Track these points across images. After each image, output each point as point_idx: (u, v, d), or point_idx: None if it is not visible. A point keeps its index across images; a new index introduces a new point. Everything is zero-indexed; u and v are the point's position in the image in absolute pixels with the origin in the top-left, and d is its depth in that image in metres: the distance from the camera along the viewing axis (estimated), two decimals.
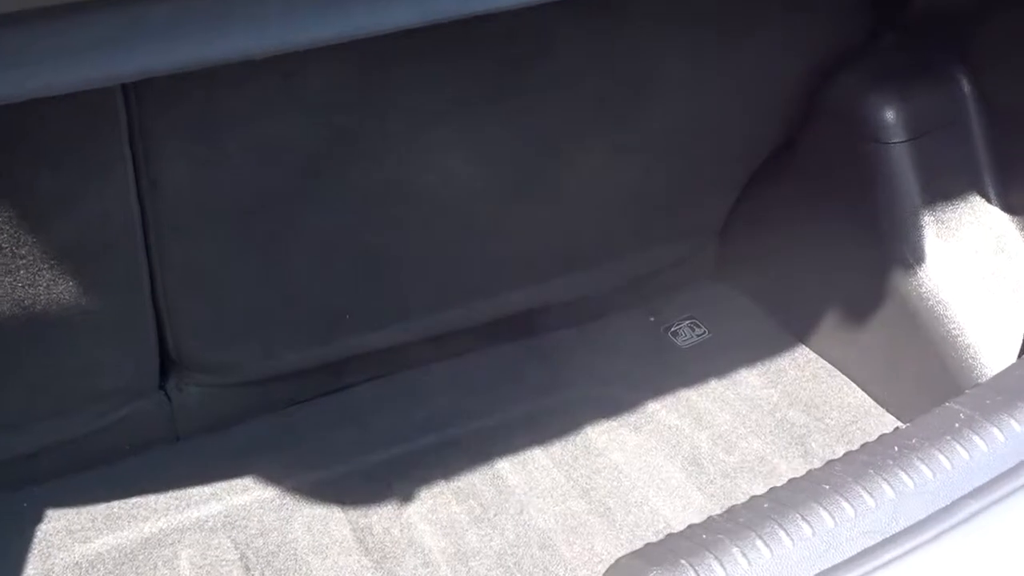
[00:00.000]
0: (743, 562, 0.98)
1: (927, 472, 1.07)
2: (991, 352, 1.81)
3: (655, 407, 1.98)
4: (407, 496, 1.79)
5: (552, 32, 1.64)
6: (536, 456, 1.87)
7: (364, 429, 1.90)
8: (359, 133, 1.61)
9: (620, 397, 1.99)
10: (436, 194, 1.76)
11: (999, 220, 1.90)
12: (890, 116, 1.87)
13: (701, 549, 0.99)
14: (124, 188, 1.49)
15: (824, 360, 2.08)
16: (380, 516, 1.76)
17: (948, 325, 1.85)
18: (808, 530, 1.01)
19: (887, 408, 1.98)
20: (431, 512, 1.77)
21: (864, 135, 1.89)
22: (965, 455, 1.09)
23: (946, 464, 1.08)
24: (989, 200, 1.91)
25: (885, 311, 1.94)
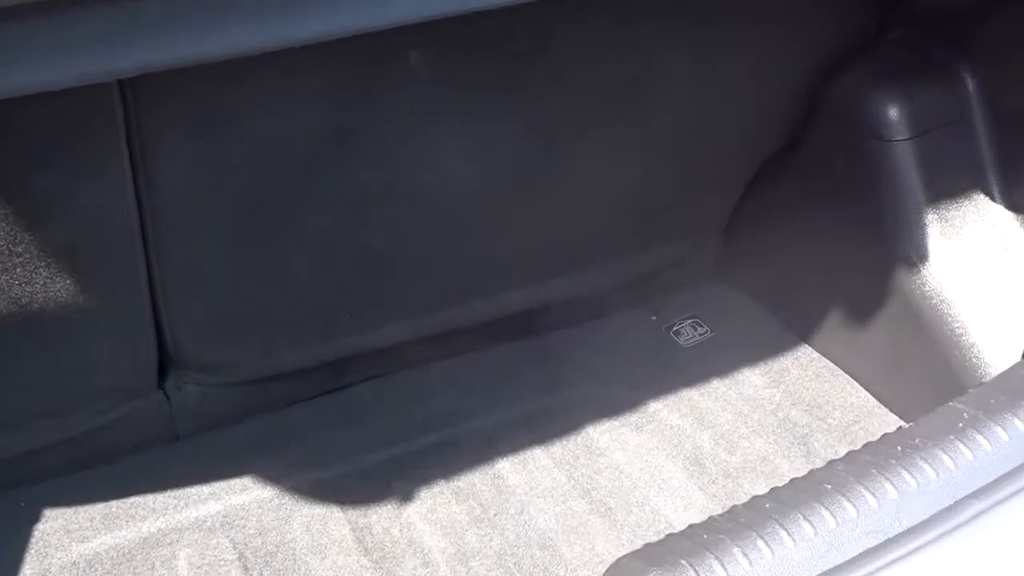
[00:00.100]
0: (744, 562, 0.98)
1: (930, 472, 1.07)
2: (995, 351, 1.80)
3: (656, 407, 1.98)
4: (407, 496, 1.78)
5: (552, 30, 1.64)
6: (536, 456, 1.87)
7: (363, 429, 1.90)
8: (358, 130, 1.60)
9: (621, 397, 1.98)
10: (436, 193, 1.76)
11: (1003, 218, 1.89)
12: (893, 114, 1.86)
13: (702, 549, 0.99)
14: (121, 185, 1.49)
15: (827, 359, 2.08)
16: (379, 516, 1.75)
17: (951, 324, 1.84)
18: (810, 530, 1.01)
19: (890, 408, 1.97)
20: (431, 512, 1.76)
21: (867, 133, 1.89)
22: (969, 455, 1.09)
23: (949, 464, 1.08)
24: (993, 198, 1.91)
25: (888, 310, 1.93)
